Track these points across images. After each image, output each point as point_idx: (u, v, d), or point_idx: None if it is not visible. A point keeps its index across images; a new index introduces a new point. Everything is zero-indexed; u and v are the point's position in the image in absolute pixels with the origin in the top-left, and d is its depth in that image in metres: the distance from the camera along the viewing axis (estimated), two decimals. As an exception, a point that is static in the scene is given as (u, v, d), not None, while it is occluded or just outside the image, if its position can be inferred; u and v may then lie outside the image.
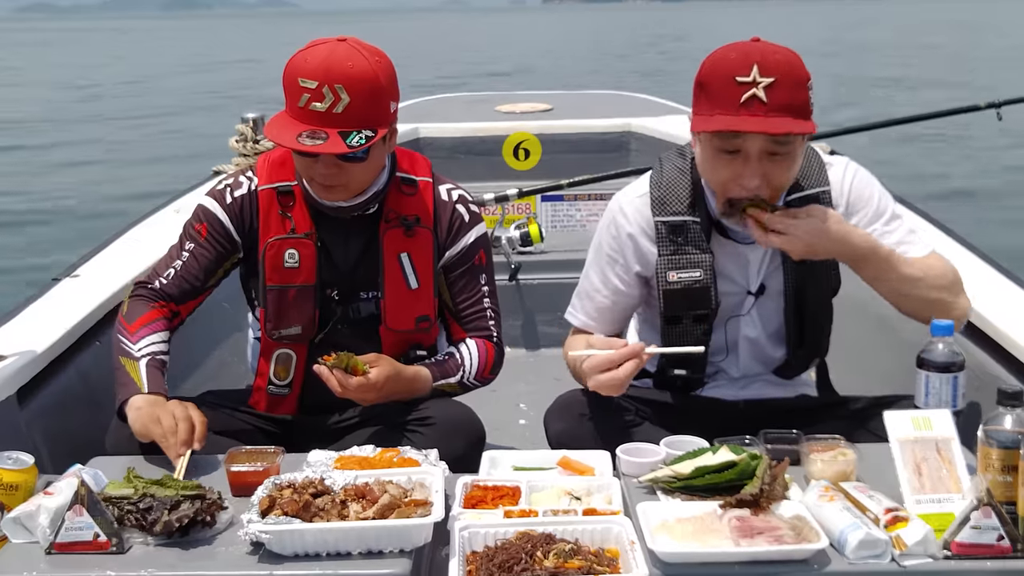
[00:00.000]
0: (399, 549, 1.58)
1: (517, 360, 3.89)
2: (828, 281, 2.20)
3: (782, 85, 1.93)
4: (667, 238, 2.16)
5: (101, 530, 1.59)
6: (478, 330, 2.32)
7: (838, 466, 1.78)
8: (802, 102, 1.97)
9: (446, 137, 4.46)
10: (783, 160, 2.00)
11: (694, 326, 2.17)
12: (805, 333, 2.23)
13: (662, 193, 2.18)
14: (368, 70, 2.03)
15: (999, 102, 4.18)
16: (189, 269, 2.24)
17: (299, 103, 2.02)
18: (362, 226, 2.23)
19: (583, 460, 1.92)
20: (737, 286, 2.19)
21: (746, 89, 1.92)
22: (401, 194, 2.24)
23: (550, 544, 1.56)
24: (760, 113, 1.93)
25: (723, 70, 1.96)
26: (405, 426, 2.13)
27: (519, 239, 3.94)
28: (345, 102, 2.00)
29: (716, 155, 2.02)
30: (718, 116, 1.96)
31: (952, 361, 1.85)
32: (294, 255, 2.20)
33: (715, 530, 1.61)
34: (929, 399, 1.85)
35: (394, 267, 2.21)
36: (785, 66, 1.95)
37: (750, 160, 1.98)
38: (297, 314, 2.21)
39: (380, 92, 2.06)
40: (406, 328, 2.24)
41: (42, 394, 2.33)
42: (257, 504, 1.64)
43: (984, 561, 1.54)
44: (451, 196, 2.29)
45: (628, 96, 5.85)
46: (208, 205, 2.25)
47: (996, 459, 1.61)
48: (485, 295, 2.32)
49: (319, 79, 2.00)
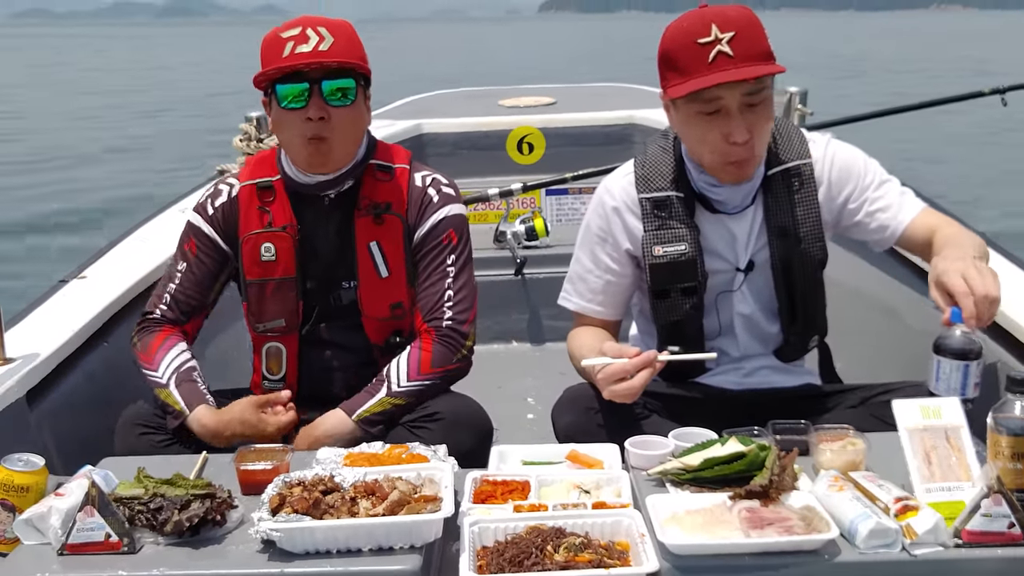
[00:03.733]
0: (409, 545, 1.58)
1: (524, 355, 3.89)
2: (813, 254, 2.20)
3: (743, 36, 1.98)
4: (651, 214, 2.19)
5: (112, 530, 1.60)
6: (431, 314, 2.22)
7: (847, 456, 1.77)
8: (765, 48, 2.02)
9: (449, 132, 4.45)
10: (763, 109, 2.04)
11: (683, 299, 2.19)
12: (796, 307, 2.23)
13: (646, 171, 2.22)
14: (342, 22, 2.15)
15: (1004, 88, 4.17)
16: (185, 289, 2.28)
17: (283, 53, 2.09)
18: (338, 214, 2.24)
19: (592, 454, 1.92)
20: (726, 263, 2.21)
21: (710, 48, 1.97)
22: (376, 180, 2.25)
23: (560, 538, 1.56)
24: (730, 66, 1.96)
25: (683, 37, 2.01)
26: (414, 422, 2.13)
27: (524, 233, 3.94)
28: (329, 41, 2.10)
29: (698, 119, 2.04)
30: (691, 81, 1.99)
31: (968, 348, 1.83)
32: (270, 248, 2.22)
33: (725, 521, 1.61)
34: (939, 384, 1.84)
35: (365, 256, 2.23)
36: (741, 19, 2.00)
37: (732, 114, 2.01)
38: (278, 307, 2.23)
39: (356, 39, 2.17)
40: (382, 315, 2.25)
41: (51, 396, 2.33)
42: (267, 502, 1.64)
43: (995, 549, 1.53)
44: (424, 181, 2.29)
45: (631, 88, 5.84)
46: (193, 220, 2.30)
47: (1006, 446, 1.60)
48: (447, 276, 2.24)
49: (301, 25, 2.11)
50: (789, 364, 2.31)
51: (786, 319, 2.24)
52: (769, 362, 2.29)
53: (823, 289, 2.26)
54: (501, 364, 3.70)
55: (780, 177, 2.17)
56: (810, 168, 2.19)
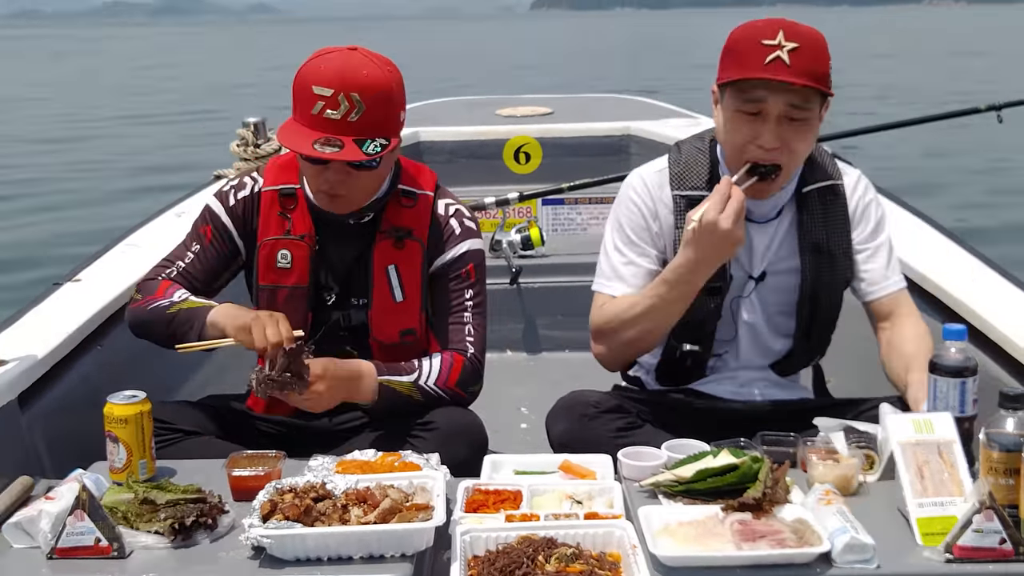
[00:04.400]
0: (400, 553, 1.58)
1: (518, 364, 3.89)
2: (843, 270, 2.23)
3: (806, 51, 2.01)
4: (685, 212, 2.16)
5: (102, 535, 1.59)
6: (454, 343, 2.23)
7: (840, 470, 1.78)
8: (823, 71, 2.04)
9: (447, 141, 4.45)
10: (802, 125, 2.06)
11: (707, 300, 2.19)
12: (813, 327, 2.25)
13: (681, 169, 2.23)
14: (382, 79, 2.05)
15: (999, 104, 4.19)
16: (194, 270, 2.25)
17: (312, 110, 2.02)
18: (359, 234, 2.22)
19: (584, 464, 1.92)
20: (740, 268, 2.22)
21: (771, 51, 2.00)
22: (400, 206, 2.23)
23: (552, 548, 1.56)
24: (782, 73, 2.00)
25: (750, 34, 2.05)
26: (407, 431, 2.12)
27: (520, 243, 3.94)
28: (360, 110, 2.01)
29: (736, 115, 2.07)
30: (744, 73, 2.03)
31: (964, 366, 1.82)
32: (287, 255, 2.20)
33: (717, 534, 1.61)
34: (937, 403, 1.83)
35: (382, 279, 2.21)
36: (809, 36, 2.04)
37: (769, 121, 2.04)
38: (288, 315, 2.21)
39: (393, 101, 2.07)
40: (391, 341, 2.22)
41: (43, 399, 2.32)
42: (258, 508, 1.64)
43: (986, 564, 1.53)
44: (447, 211, 2.27)
45: (628, 99, 5.85)
46: (213, 207, 2.27)
47: (998, 462, 1.61)
48: (467, 309, 2.25)
49: (334, 87, 2.00)
50: (784, 378, 2.32)
51: (801, 333, 2.26)
52: (765, 375, 2.30)
53: (839, 309, 2.28)
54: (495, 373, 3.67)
55: (816, 194, 2.21)
56: (843, 188, 2.24)
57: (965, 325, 1.89)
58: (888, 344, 2.21)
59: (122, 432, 1.87)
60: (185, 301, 2.15)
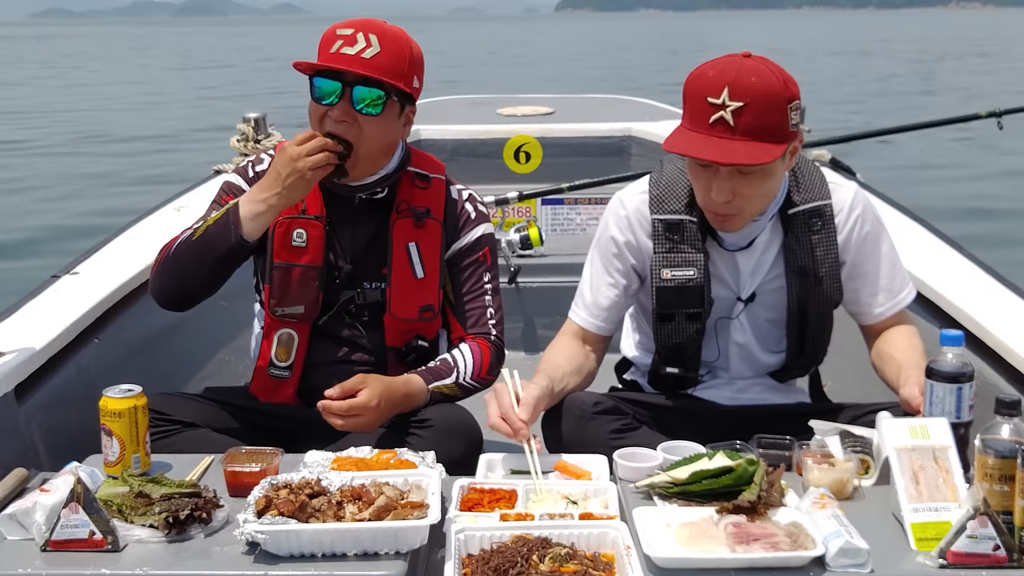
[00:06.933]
0: (395, 551, 1.58)
1: (516, 363, 3.84)
2: (830, 294, 2.21)
3: (752, 109, 1.92)
4: (663, 235, 2.18)
5: (96, 528, 1.59)
6: (477, 327, 2.31)
7: (835, 474, 1.78)
8: (774, 125, 1.95)
9: (447, 139, 4.45)
10: (755, 177, 2.00)
11: (687, 324, 2.19)
12: (805, 344, 2.25)
13: (660, 192, 2.21)
14: (402, 34, 2.14)
15: (1000, 111, 4.19)
16: None
17: (330, 49, 2.10)
18: (372, 214, 2.26)
19: (580, 464, 1.92)
20: (728, 290, 2.21)
21: (715, 111, 1.94)
22: (414, 187, 2.28)
23: (546, 548, 1.56)
24: (726, 135, 1.94)
25: (698, 88, 1.98)
26: (403, 428, 2.13)
27: (519, 242, 3.94)
28: (375, 50, 2.09)
29: (691, 163, 2.06)
30: (687, 133, 1.99)
31: (960, 372, 1.81)
32: (302, 234, 2.23)
33: (711, 536, 1.61)
34: (933, 409, 1.83)
35: (402, 256, 2.24)
36: (758, 90, 1.93)
37: (719, 176, 2.00)
38: (301, 293, 2.23)
39: (407, 54, 2.15)
40: (410, 317, 2.25)
41: (40, 391, 2.32)
42: (253, 504, 1.64)
43: (980, 571, 1.53)
44: (461, 195, 2.35)
45: (629, 100, 5.85)
46: (233, 180, 2.31)
47: (993, 468, 1.61)
48: (487, 292, 2.33)
49: (356, 28, 2.10)
50: (782, 384, 2.32)
51: (794, 351, 2.26)
52: (761, 380, 2.31)
53: (832, 326, 2.27)
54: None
55: (802, 216, 2.16)
56: (831, 209, 2.18)
57: (962, 331, 1.89)
58: (878, 353, 2.23)
59: (116, 426, 1.86)
60: (206, 221, 2.15)
